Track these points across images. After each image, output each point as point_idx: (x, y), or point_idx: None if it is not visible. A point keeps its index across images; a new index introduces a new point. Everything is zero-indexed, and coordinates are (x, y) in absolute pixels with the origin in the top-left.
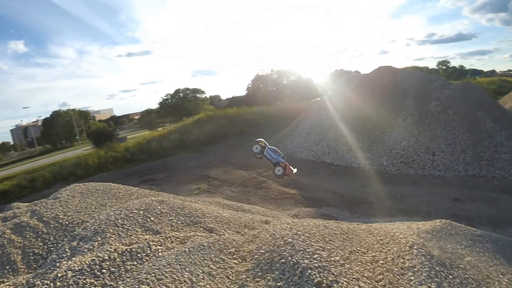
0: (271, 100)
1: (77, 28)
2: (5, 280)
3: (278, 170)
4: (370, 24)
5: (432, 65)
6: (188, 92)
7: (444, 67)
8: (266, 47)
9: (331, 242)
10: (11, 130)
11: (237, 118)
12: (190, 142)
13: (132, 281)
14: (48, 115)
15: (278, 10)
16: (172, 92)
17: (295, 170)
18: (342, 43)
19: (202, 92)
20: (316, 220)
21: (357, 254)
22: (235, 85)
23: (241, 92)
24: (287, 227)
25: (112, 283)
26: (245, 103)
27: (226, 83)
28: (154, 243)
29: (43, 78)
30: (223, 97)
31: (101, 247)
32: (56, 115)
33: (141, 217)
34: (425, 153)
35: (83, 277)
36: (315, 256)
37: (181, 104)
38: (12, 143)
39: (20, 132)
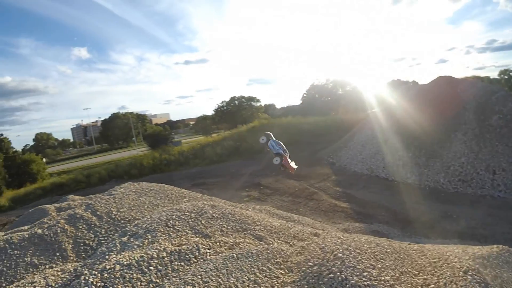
0: (326, 110)
1: (137, 37)
2: (54, 265)
3: (276, 160)
4: (427, 31)
5: (494, 74)
6: (243, 100)
7: (506, 77)
8: (321, 56)
9: (382, 260)
10: (72, 129)
11: (292, 128)
12: (243, 150)
13: (178, 281)
14: (107, 117)
15: (332, 20)
16: (227, 99)
17: (293, 164)
18: (399, 52)
19: (258, 100)
20: (367, 236)
21: (407, 275)
22: (290, 95)
23: (296, 101)
24: (337, 241)
25: (158, 281)
26: (300, 112)
27: (281, 92)
28: (203, 246)
29: (103, 83)
30: (278, 106)
31: (151, 245)
32: (114, 117)
33: (192, 219)
34: (485, 171)
35: (131, 271)
36: (365, 274)
37: (236, 111)
38: (72, 140)
39: (80, 130)
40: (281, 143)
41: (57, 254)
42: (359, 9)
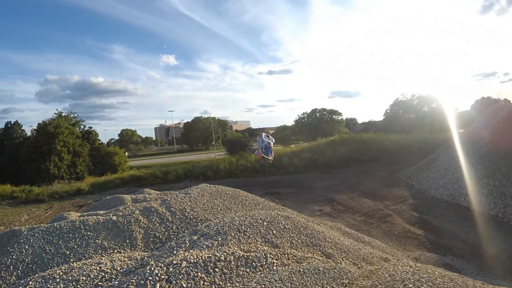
0: (409, 127)
1: (222, 46)
2: (122, 251)
3: (256, 150)
4: None
5: None
6: (325, 112)
7: None
8: (407, 70)
9: None
10: (155, 128)
11: (372, 144)
12: (320, 163)
13: (240, 286)
14: (190, 120)
15: (419, 33)
16: (309, 111)
17: (266, 155)
18: (489, 66)
19: (339, 114)
20: (440, 269)
21: None
22: (372, 109)
23: (378, 116)
24: (409, 270)
25: (221, 283)
26: (382, 129)
27: (363, 107)
28: (271, 256)
29: (189, 88)
30: (359, 121)
31: (220, 247)
32: (197, 120)
33: (264, 228)
34: None
35: (196, 270)
36: None
37: (316, 124)
38: (154, 138)
39: (163, 130)
40: (267, 141)
41: (127, 241)
42: (445, 21)
